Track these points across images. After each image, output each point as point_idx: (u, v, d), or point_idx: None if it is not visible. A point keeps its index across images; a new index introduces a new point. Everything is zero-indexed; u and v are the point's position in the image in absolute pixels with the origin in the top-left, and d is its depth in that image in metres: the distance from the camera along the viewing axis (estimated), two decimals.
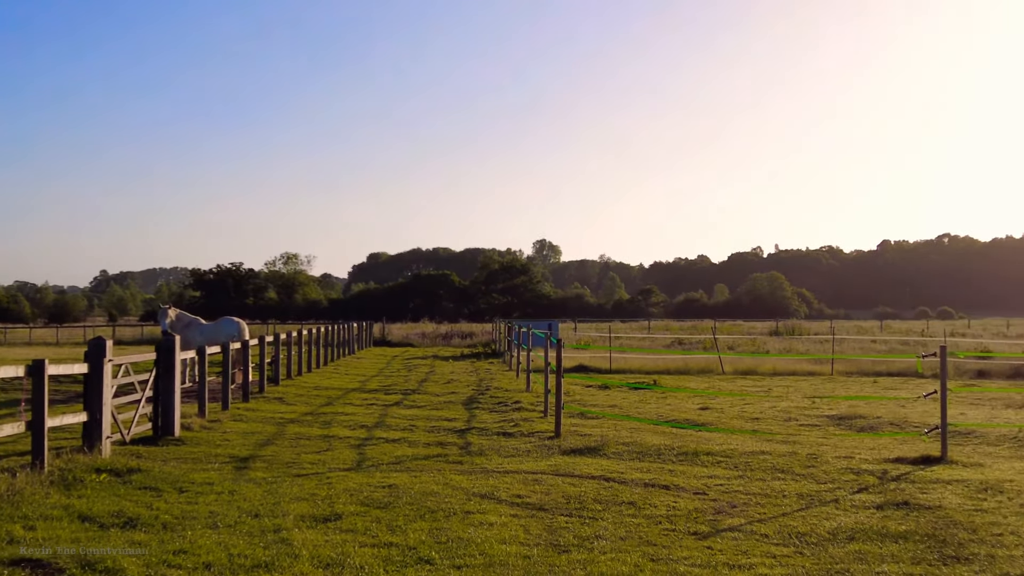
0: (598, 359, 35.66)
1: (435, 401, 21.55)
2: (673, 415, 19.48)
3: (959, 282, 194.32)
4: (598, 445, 14.39)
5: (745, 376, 31.39)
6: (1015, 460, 13.65)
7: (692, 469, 12.57)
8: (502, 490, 10.83)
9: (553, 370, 17.11)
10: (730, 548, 8.37)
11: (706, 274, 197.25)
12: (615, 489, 10.99)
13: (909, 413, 19.61)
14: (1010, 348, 41.76)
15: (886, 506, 10.14)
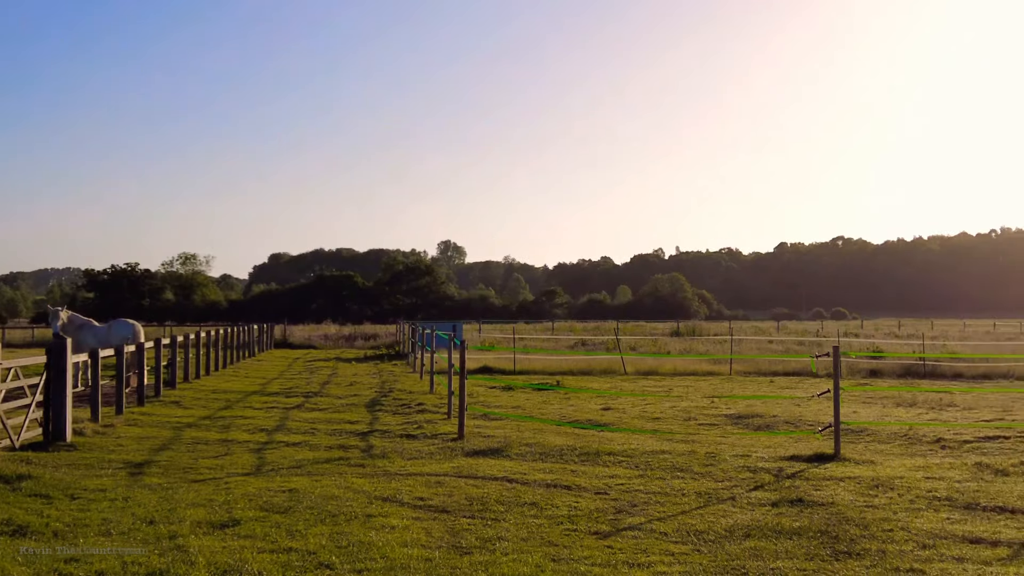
0: (502, 360, 35.74)
1: (337, 404, 21.35)
2: (576, 416, 19.64)
3: (853, 283, 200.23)
4: (501, 446, 14.43)
5: (647, 376, 31.80)
6: (905, 457, 14.10)
7: (594, 469, 12.69)
8: (404, 493, 10.78)
9: (457, 372, 17.11)
10: (630, 547, 8.48)
11: (609, 275, 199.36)
12: (518, 490, 11.04)
13: (804, 412, 20.11)
14: (900, 348, 43.11)
15: (781, 503, 10.38)
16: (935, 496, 10.78)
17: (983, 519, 9.67)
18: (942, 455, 14.35)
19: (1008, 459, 13.46)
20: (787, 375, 31.94)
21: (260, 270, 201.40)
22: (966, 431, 16.84)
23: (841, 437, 14.24)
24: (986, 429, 17.09)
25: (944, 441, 15.73)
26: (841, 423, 14.45)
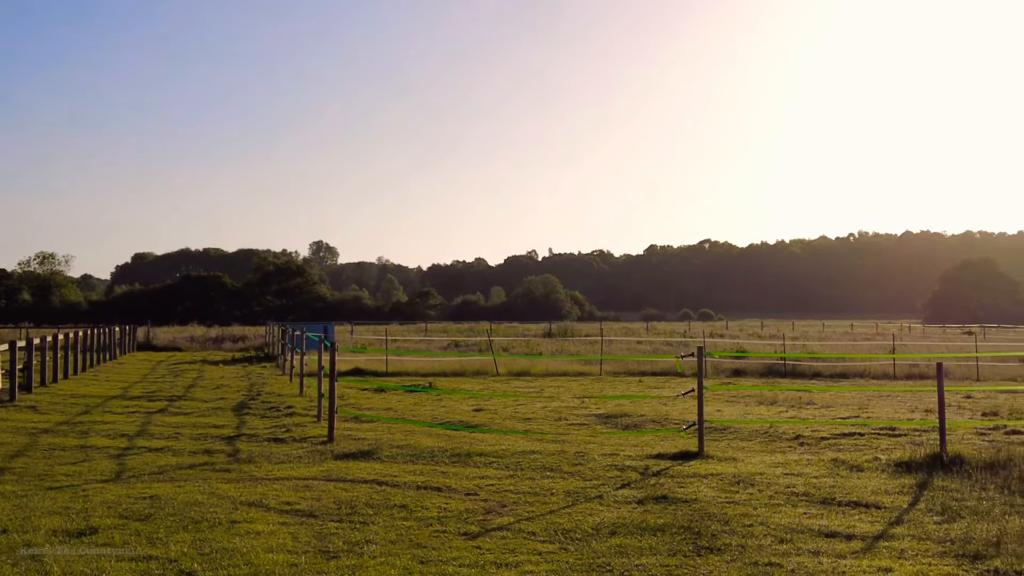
0: (374, 362, 35.49)
1: (203, 408, 20.83)
2: (448, 417, 19.63)
3: (719, 285, 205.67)
4: (372, 449, 14.32)
5: (519, 377, 32.01)
6: (765, 454, 14.53)
7: (465, 470, 12.70)
8: (271, 498, 10.59)
9: (327, 374, 16.90)
10: (498, 547, 8.51)
11: (483, 277, 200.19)
12: (387, 492, 10.96)
13: (670, 411, 20.54)
14: (763, 348, 44.50)
15: (647, 500, 10.58)
16: (793, 491, 11.14)
17: (838, 513, 10.04)
18: (801, 452, 14.84)
19: (863, 455, 14.00)
20: (655, 375, 32.59)
21: (123, 270, 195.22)
22: (824, 428, 17.46)
23: (705, 435, 14.61)
24: (842, 426, 17.75)
25: (803, 438, 16.28)
26: (705, 421, 14.81)
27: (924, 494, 10.97)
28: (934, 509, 10.15)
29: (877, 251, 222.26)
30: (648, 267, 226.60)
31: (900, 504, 10.46)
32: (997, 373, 33.69)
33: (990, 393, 25.21)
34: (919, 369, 33.34)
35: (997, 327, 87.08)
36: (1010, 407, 21.38)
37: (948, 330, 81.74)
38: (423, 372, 33.18)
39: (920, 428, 17.39)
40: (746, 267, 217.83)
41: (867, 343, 50.21)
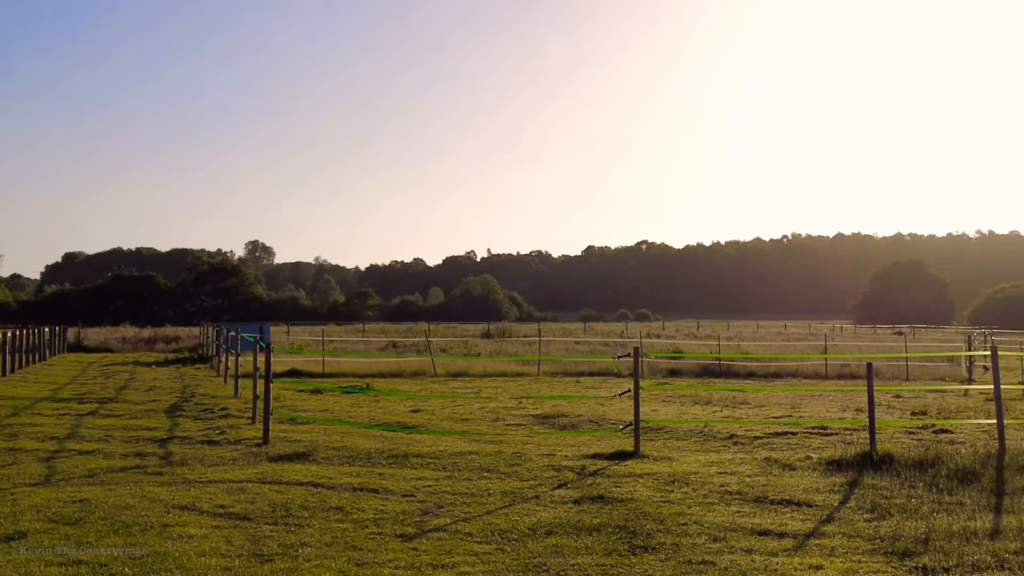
0: (311, 363, 35.19)
1: (135, 410, 20.48)
2: (385, 418, 19.53)
3: (656, 286, 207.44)
4: (307, 451, 14.19)
5: (457, 378, 31.97)
6: (700, 453, 14.68)
7: (402, 472, 12.65)
8: (204, 501, 10.45)
9: (262, 375, 16.72)
10: (435, 548, 8.49)
11: (422, 277, 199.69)
12: (323, 495, 10.88)
13: (607, 411, 20.66)
14: (699, 348, 44.94)
15: (583, 500, 10.63)
16: (727, 490, 11.28)
17: (771, 512, 10.18)
18: (734, 451, 15.03)
19: (795, 454, 14.22)
20: (593, 375, 32.76)
21: (53, 270, 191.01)
22: (757, 428, 17.69)
23: (641, 435, 14.72)
24: (775, 425, 18.00)
25: (737, 437, 16.48)
26: (642, 421, 14.93)
27: (854, 492, 11.17)
28: (864, 507, 10.34)
29: (810, 253, 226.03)
30: (586, 268, 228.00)
31: (831, 502, 10.64)
32: (926, 373, 34.40)
33: (919, 393, 25.74)
34: (850, 369, 33.93)
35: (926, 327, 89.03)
36: (938, 406, 21.85)
37: (879, 330, 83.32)
38: (360, 373, 32.98)
39: (851, 427, 17.70)
40: (682, 268, 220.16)
41: (800, 343, 50.93)
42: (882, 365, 34.73)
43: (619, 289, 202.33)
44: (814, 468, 12.87)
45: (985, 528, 9.22)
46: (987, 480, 11.68)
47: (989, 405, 20.37)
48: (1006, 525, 9.36)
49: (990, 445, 14.27)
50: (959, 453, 13.20)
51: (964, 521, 9.48)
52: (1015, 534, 8.97)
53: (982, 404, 22.38)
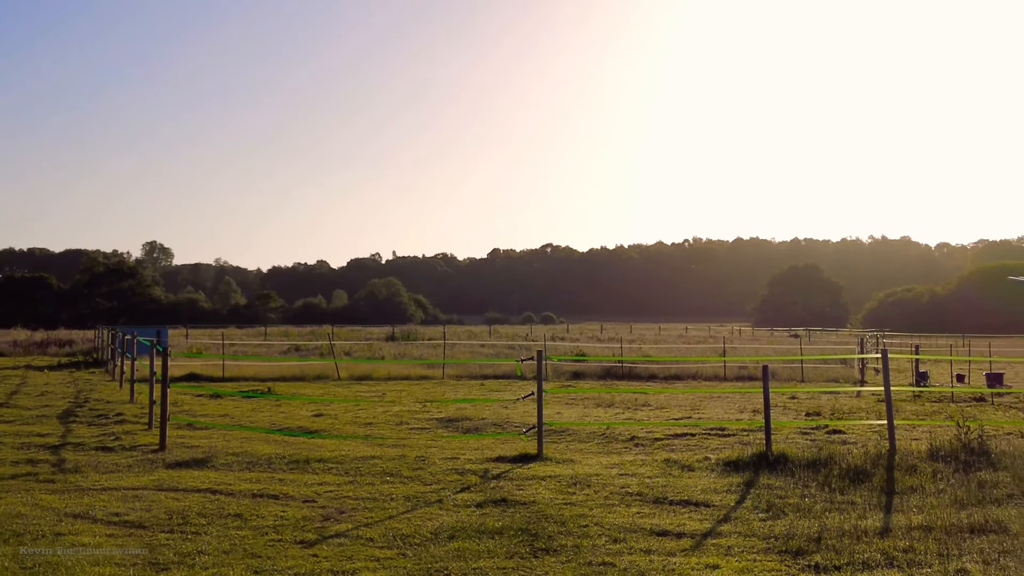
0: (211, 367, 34.55)
1: (26, 415, 19.84)
2: (286, 423, 19.29)
3: (561, 289, 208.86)
4: (206, 457, 13.92)
5: (361, 381, 31.75)
6: (602, 455, 14.83)
7: (303, 477, 12.51)
8: (98, 508, 10.18)
9: (159, 379, 16.36)
10: (335, 554, 8.42)
11: (326, 279, 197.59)
12: (222, 501, 10.69)
13: (511, 414, 20.73)
14: (602, 351, 45.47)
15: (486, 504, 10.65)
16: (628, 492, 11.42)
17: (670, 512, 10.34)
18: (636, 452, 15.22)
19: (694, 455, 14.46)
20: (497, 378, 32.85)
21: None
22: (658, 429, 17.95)
23: (544, 437, 14.81)
24: (675, 427, 18.30)
25: (638, 439, 16.70)
26: (545, 424, 15.02)
27: (751, 492, 11.41)
28: (760, 507, 10.58)
29: (710, 257, 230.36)
30: (492, 271, 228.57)
31: (728, 502, 10.86)
32: (820, 374, 35.35)
33: (814, 394, 26.43)
34: (748, 371, 34.68)
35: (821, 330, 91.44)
36: (832, 407, 22.47)
37: (776, 333, 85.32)
38: (262, 377, 32.51)
39: (748, 428, 18.09)
40: (587, 271, 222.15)
41: (700, 346, 51.89)
42: (778, 367, 35.57)
43: (524, 292, 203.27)
44: (712, 469, 13.10)
45: (875, 527, 9.51)
46: (877, 479, 12.04)
47: (880, 406, 21.00)
48: (895, 523, 9.67)
49: (880, 445, 14.70)
50: (851, 453, 13.57)
51: (855, 520, 9.76)
52: (904, 532, 9.26)
53: (874, 405, 23.07)
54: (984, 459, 13.19)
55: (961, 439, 13.91)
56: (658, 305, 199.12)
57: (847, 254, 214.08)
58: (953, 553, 8.47)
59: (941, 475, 12.27)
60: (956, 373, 32.39)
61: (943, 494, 11.16)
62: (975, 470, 12.55)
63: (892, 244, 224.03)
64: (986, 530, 9.29)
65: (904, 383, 30.35)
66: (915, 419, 20.43)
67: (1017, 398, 25.41)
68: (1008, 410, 23.11)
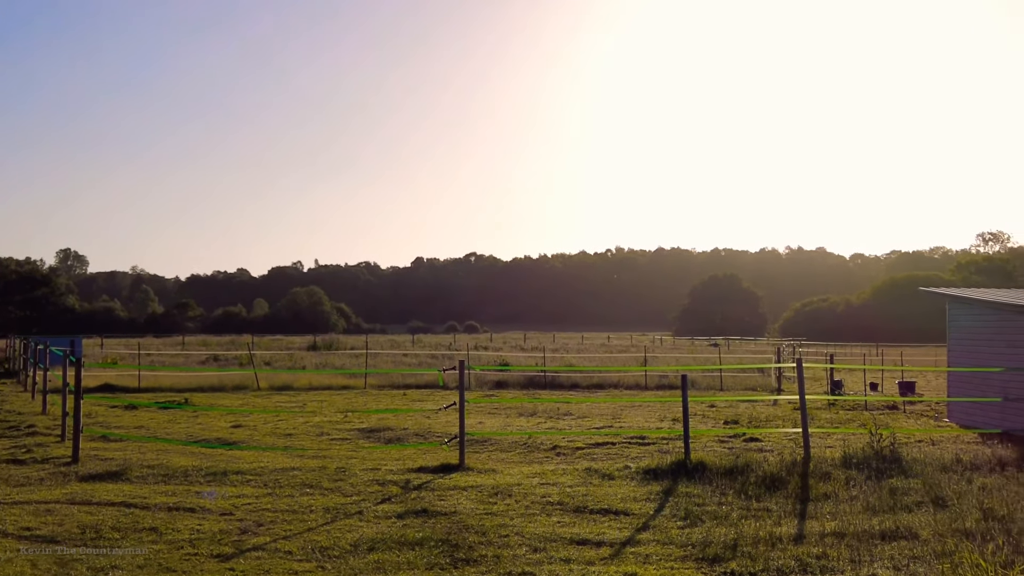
0: (126, 377, 33.86)
1: None
2: (204, 435, 18.99)
3: (485, 298, 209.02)
4: (120, 469, 13.64)
5: (281, 392, 31.38)
6: (524, 465, 14.88)
7: (220, 489, 12.31)
8: (8, 523, 9.91)
9: (72, 390, 15.98)
10: (253, 568, 8.31)
11: (246, 288, 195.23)
12: (136, 515, 10.48)
13: (433, 424, 20.69)
14: (526, 360, 45.58)
15: (407, 515, 10.62)
16: (549, 501, 11.47)
17: (590, 521, 10.42)
18: (557, 461, 15.31)
19: (614, 463, 14.59)
20: (420, 388, 32.74)
21: None
22: (579, 438, 18.08)
23: (467, 447, 14.81)
24: (597, 436, 18.44)
25: (560, 448, 16.80)
26: (467, 434, 15.03)
27: (669, 500, 11.55)
28: (678, 515, 10.71)
29: (633, 266, 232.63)
30: (415, 280, 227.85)
31: (647, 511, 10.97)
32: (739, 383, 35.89)
33: (732, 402, 26.83)
34: (669, 380, 35.07)
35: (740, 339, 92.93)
36: (749, 415, 22.85)
37: (696, 342, 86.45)
38: (179, 388, 31.95)
39: (668, 436, 18.31)
40: (511, 280, 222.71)
41: (622, 355, 52.34)
42: (698, 376, 36.05)
43: (448, 301, 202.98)
44: (632, 477, 13.23)
45: (790, 533, 9.69)
46: (793, 486, 12.28)
47: (796, 414, 21.42)
48: (809, 530, 9.87)
49: (796, 452, 15.01)
50: (767, 461, 13.82)
51: (770, 527, 9.94)
52: (817, 539, 9.46)
53: (790, 413, 23.53)
54: (896, 466, 13.55)
55: (874, 446, 14.27)
56: (581, 314, 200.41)
57: (765, 264, 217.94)
58: (865, 559, 8.67)
59: (854, 482, 12.56)
60: (869, 381, 33.14)
61: (856, 501, 11.43)
62: (887, 477, 12.88)
63: (808, 255, 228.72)
64: (897, 536, 9.52)
65: (819, 391, 30.98)
66: (830, 427, 20.89)
67: (928, 406, 26.11)
68: (919, 418, 23.74)
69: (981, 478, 12.73)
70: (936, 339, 39.21)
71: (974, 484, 12.28)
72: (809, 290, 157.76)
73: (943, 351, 24.22)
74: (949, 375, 23.26)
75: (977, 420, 20.76)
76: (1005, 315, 19.95)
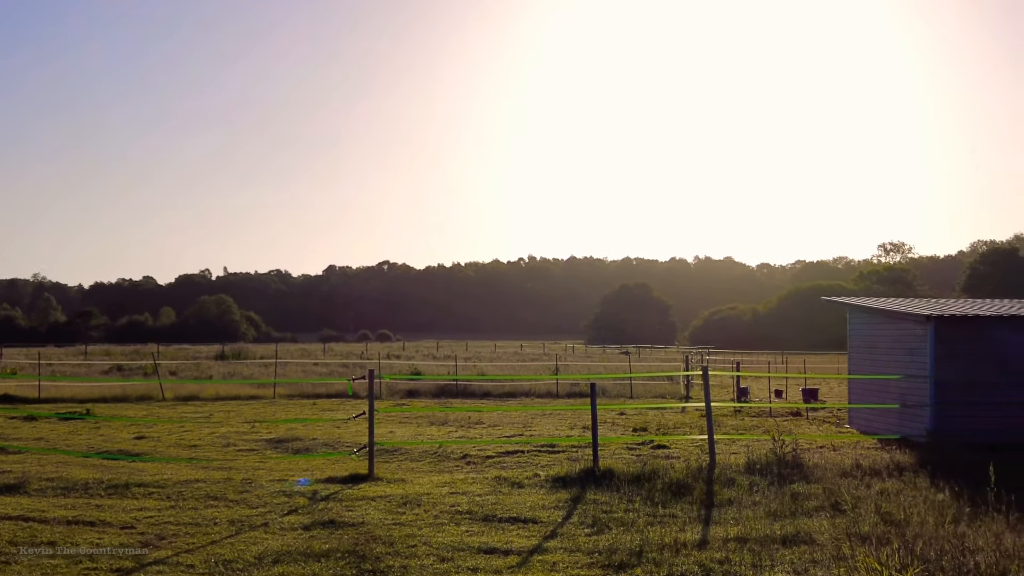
0: (26, 388, 32.90)
1: None
2: (106, 446, 18.55)
3: (398, 306, 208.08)
4: (18, 482, 13.24)
5: (187, 402, 30.77)
6: (434, 474, 14.86)
7: (122, 502, 12.06)
8: None
9: None
10: None
11: (152, 296, 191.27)
12: (34, 529, 10.20)
13: (343, 433, 20.52)
14: (438, 369, 45.49)
15: (313, 526, 10.52)
16: (458, 510, 11.48)
17: (498, 530, 10.46)
18: (467, 471, 15.32)
19: (524, 472, 14.67)
20: (330, 397, 32.43)
21: None
22: (490, 447, 18.12)
23: (376, 457, 14.75)
24: (507, 444, 18.50)
25: (470, 457, 16.82)
26: (377, 443, 14.96)
27: (578, 508, 11.65)
28: (586, 522, 10.81)
29: (546, 275, 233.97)
30: (327, 288, 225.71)
31: (555, 518, 11.05)
32: (649, 391, 36.32)
33: (641, 410, 27.13)
34: (580, 388, 35.30)
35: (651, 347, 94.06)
36: (658, 423, 23.14)
37: (608, 350, 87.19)
38: (81, 398, 31.12)
39: (577, 444, 18.45)
40: (424, 289, 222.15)
41: (534, 363, 52.54)
42: (608, 384, 36.40)
43: (361, 309, 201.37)
44: (541, 485, 13.31)
45: (694, 539, 9.85)
46: (698, 493, 12.49)
47: (703, 421, 21.74)
48: (713, 535, 10.04)
49: (702, 459, 15.26)
50: (673, 468, 14.03)
51: (676, 533, 10.09)
52: (721, 544, 9.63)
53: (697, 420, 23.88)
54: (798, 472, 13.87)
55: (777, 453, 14.58)
56: (495, 323, 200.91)
57: (675, 273, 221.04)
58: (766, 564, 8.86)
59: (757, 488, 12.83)
60: (774, 388, 33.83)
61: (758, 506, 11.67)
62: (789, 483, 13.18)
63: (717, 264, 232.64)
64: (797, 541, 9.75)
65: (726, 399, 31.53)
66: (735, 434, 21.28)
67: (830, 413, 26.76)
68: (822, 424, 24.31)
69: (879, 483, 13.09)
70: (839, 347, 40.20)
71: (872, 489, 12.63)
72: (718, 299, 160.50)
73: (845, 359, 24.83)
74: (850, 382, 23.87)
75: (876, 426, 21.35)
76: (903, 324, 20.56)
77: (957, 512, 10.71)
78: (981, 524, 10.08)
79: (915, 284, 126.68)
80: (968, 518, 10.44)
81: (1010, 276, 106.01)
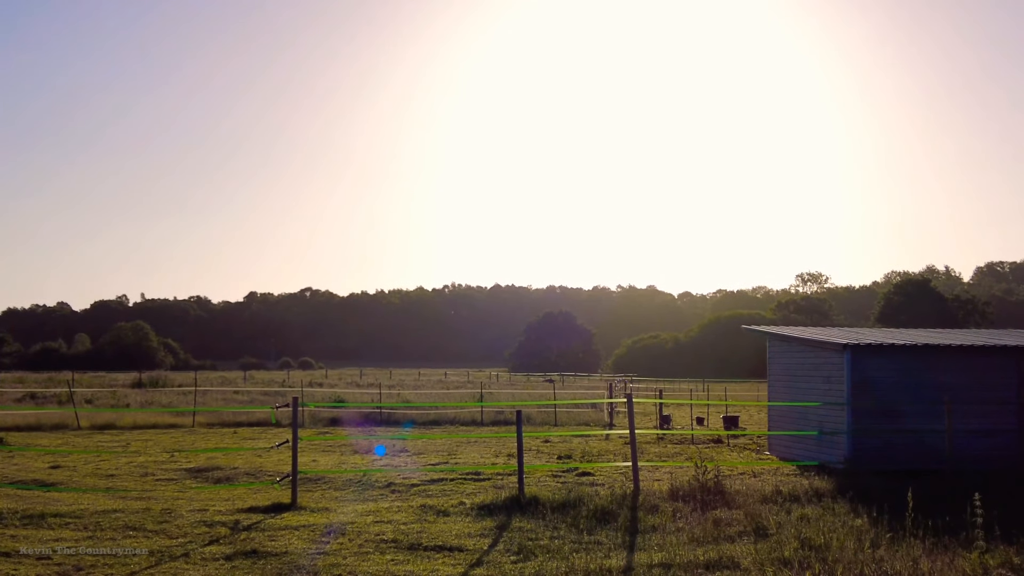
0: None
1: None
2: (20, 476, 18.03)
3: (321, 334, 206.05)
4: None
5: (103, 431, 30.06)
6: (358, 503, 14.73)
7: (38, 533, 11.75)
8: None
9: None
10: None
11: (67, 322, 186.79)
12: None
13: (265, 462, 20.24)
14: (362, 396, 45.13)
15: (235, 556, 10.36)
16: (383, 539, 11.40)
17: (424, 559, 10.41)
18: (392, 499, 15.22)
19: (450, 500, 14.62)
20: (251, 425, 31.95)
21: None
22: (414, 475, 18.02)
23: (299, 486, 14.59)
24: (432, 472, 18.43)
25: (395, 485, 16.71)
26: (300, 472, 14.79)
27: (504, 535, 11.65)
28: (511, 549, 10.82)
29: (470, 303, 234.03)
30: (248, 315, 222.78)
31: (481, 546, 11.04)
32: (573, 418, 36.45)
33: (566, 438, 27.22)
34: (504, 415, 35.32)
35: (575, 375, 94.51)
36: (583, 450, 23.25)
37: (532, 378, 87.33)
38: None
39: (503, 472, 18.45)
40: (347, 316, 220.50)
41: (459, 391, 52.44)
42: (533, 412, 36.45)
43: (282, 337, 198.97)
44: (467, 513, 13.29)
45: (619, 565, 9.92)
46: (623, 519, 12.58)
47: (627, 448, 21.93)
48: (638, 562, 10.13)
49: (626, 486, 15.37)
50: (598, 495, 14.12)
51: (601, 560, 10.15)
52: (645, 570, 9.72)
53: (621, 447, 24.05)
54: (720, 498, 14.05)
55: (699, 479, 14.76)
56: (419, 350, 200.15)
57: (599, 302, 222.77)
58: None
59: (680, 514, 12.97)
60: (696, 416, 34.23)
61: (682, 532, 11.79)
62: (711, 509, 13.35)
63: (639, 293, 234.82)
64: (720, 566, 9.87)
65: (650, 426, 31.81)
66: (659, 460, 21.48)
67: (751, 439, 27.16)
68: (743, 451, 24.66)
69: (800, 509, 13.33)
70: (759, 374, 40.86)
71: (793, 515, 12.85)
72: (641, 327, 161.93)
73: (765, 386, 25.25)
74: (770, 409, 24.28)
75: (796, 453, 21.74)
76: (820, 352, 21.00)
77: (876, 537, 10.96)
78: (899, 549, 10.32)
79: (832, 313, 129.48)
80: (887, 543, 10.68)
81: (923, 306, 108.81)
